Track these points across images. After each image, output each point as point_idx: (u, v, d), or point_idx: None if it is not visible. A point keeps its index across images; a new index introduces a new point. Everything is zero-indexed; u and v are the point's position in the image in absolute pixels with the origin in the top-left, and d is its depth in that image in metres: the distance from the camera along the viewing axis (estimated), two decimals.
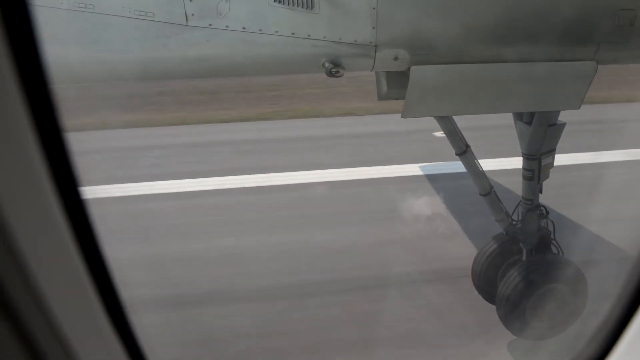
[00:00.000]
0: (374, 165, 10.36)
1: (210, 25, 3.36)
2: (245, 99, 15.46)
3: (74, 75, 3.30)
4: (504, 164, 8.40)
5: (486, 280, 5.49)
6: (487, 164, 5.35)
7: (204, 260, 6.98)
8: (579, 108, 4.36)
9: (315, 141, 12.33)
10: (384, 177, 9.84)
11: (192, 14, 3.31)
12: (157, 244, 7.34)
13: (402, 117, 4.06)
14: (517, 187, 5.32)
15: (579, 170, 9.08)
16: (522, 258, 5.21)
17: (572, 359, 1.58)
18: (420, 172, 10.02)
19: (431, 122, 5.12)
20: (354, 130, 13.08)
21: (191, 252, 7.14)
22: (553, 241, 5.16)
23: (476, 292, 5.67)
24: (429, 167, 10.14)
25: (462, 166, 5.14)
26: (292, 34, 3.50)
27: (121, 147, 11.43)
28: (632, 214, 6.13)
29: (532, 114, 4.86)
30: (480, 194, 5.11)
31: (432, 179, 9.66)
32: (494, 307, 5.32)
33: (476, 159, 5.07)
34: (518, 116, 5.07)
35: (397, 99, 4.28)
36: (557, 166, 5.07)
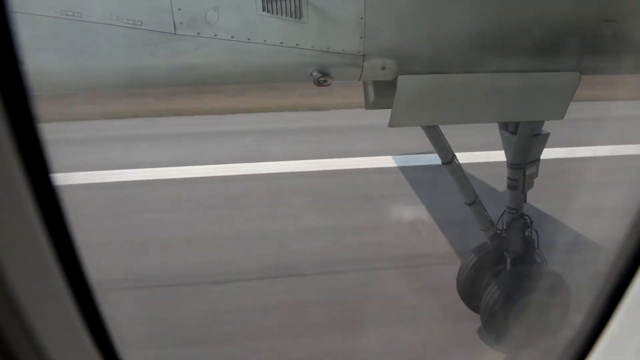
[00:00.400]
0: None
1: (198, 34, 3.36)
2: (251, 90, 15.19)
3: (60, 84, 3.28)
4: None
5: (471, 291, 5.53)
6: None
7: None
8: (562, 118, 4.43)
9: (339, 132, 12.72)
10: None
11: (181, 23, 3.31)
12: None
13: (389, 126, 4.09)
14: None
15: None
16: (505, 267, 5.26)
17: None
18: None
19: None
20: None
21: None
22: (537, 251, 5.21)
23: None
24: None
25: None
26: (281, 43, 3.52)
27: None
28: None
29: (517, 124, 4.93)
30: (465, 203, 5.15)
31: None
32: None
33: (461, 168, 5.12)
34: (503, 126, 5.14)
35: (385, 108, 4.31)
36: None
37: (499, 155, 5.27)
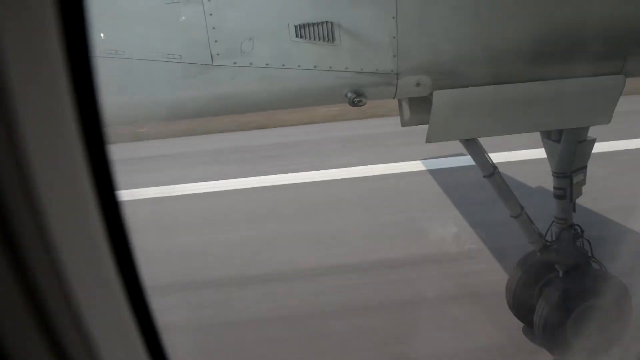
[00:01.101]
0: None
1: (234, 63, 3.46)
2: None
3: (108, 119, 3.43)
4: None
5: (523, 305, 5.34)
6: None
7: None
8: (609, 123, 4.28)
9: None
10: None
11: (217, 54, 3.42)
12: None
13: (426, 141, 4.06)
14: None
15: None
16: (558, 276, 5.05)
17: None
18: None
19: None
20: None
21: None
22: (592, 259, 5.00)
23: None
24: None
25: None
26: (315, 67, 3.58)
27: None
28: None
29: (560, 132, 4.79)
30: (510, 216, 5.01)
31: None
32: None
33: (504, 180, 5.00)
34: (546, 134, 5.00)
35: (421, 124, 4.28)
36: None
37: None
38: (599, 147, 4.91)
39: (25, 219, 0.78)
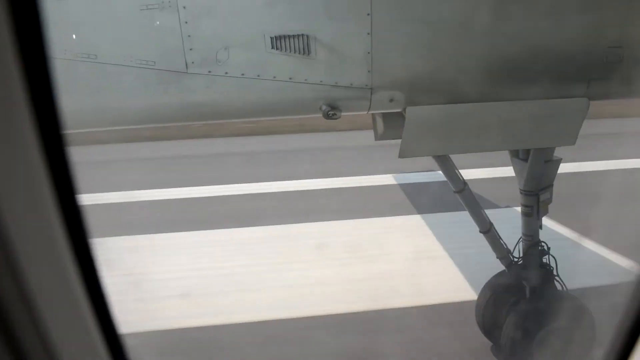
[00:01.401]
0: None
1: (209, 72, 3.45)
2: None
3: (76, 123, 3.36)
4: None
5: (491, 323, 5.40)
6: None
7: None
8: (574, 144, 4.42)
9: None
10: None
11: (192, 62, 3.41)
12: None
13: (399, 157, 4.10)
14: None
15: None
16: (524, 296, 5.14)
17: None
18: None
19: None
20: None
21: None
22: (556, 277, 5.11)
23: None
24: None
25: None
26: (290, 78, 3.59)
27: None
28: None
29: (527, 151, 4.92)
30: (480, 232, 5.10)
31: None
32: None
33: (474, 197, 5.09)
34: (514, 153, 5.13)
35: (394, 138, 4.34)
36: None
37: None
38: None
39: None
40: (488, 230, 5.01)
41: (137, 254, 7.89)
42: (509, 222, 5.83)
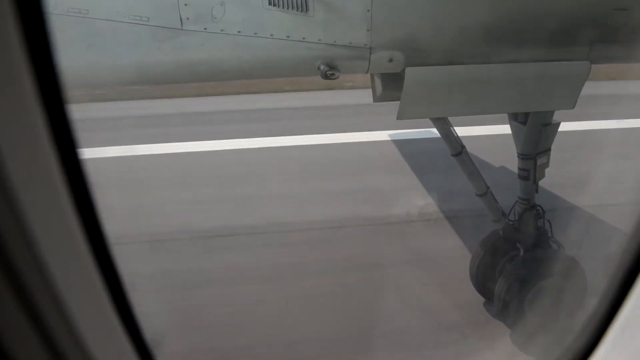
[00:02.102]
0: None
1: (205, 29, 3.36)
2: None
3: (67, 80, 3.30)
4: None
5: (485, 279, 5.50)
6: None
7: None
8: (573, 108, 4.38)
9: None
10: None
11: (187, 18, 3.31)
12: None
13: (397, 118, 4.07)
14: None
15: None
16: (519, 255, 5.21)
17: (560, 355, 1.59)
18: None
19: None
20: None
21: None
22: (551, 239, 5.17)
23: None
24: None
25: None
26: (287, 37, 3.51)
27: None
28: None
29: (526, 114, 4.88)
30: (476, 194, 5.12)
31: None
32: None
33: (471, 160, 5.09)
34: (513, 116, 5.10)
35: (393, 100, 4.29)
36: None
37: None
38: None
39: None
40: (484, 193, 5.03)
41: None
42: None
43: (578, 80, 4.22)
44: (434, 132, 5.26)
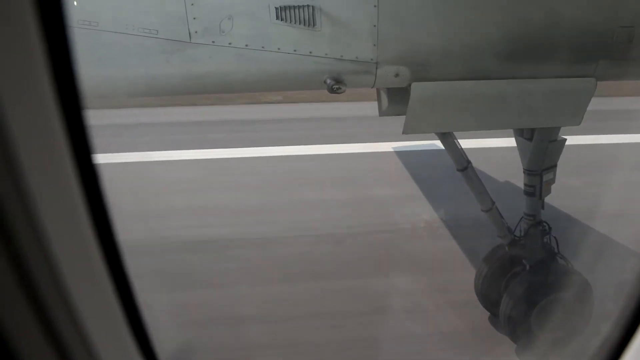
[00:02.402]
0: None
1: (213, 42, 3.40)
2: None
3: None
4: None
5: (490, 295, 5.45)
6: None
7: None
8: (579, 124, 4.38)
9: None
10: None
11: (196, 32, 3.35)
12: None
13: (403, 133, 4.08)
14: None
15: None
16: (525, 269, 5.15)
17: None
18: None
19: None
20: None
21: None
22: (558, 255, 5.12)
23: None
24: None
25: None
26: (294, 51, 3.54)
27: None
28: None
29: (532, 130, 4.88)
30: (481, 210, 5.09)
31: None
32: None
33: (477, 175, 5.07)
34: (519, 132, 5.09)
35: (398, 114, 4.30)
36: None
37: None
38: None
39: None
40: (490, 209, 5.01)
41: None
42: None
43: (584, 97, 4.22)
44: (438, 144, 5.26)
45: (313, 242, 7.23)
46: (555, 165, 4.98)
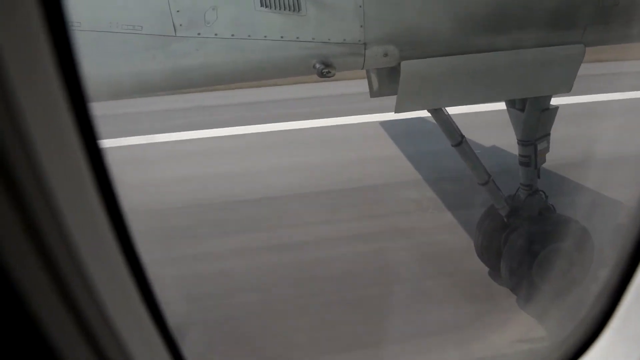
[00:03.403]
0: None
1: (199, 34, 3.36)
2: None
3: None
4: None
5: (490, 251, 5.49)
6: None
7: None
8: (569, 91, 4.39)
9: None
10: None
11: (180, 25, 3.31)
12: None
13: (395, 112, 4.07)
14: None
15: None
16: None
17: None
18: None
19: None
20: None
21: None
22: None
23: None
24: None
25: None
26: (281, 37, 3.51)
27: None
28: None
29: (524, 101, 4.89)
30: (478, 184, 5.12)
31: None
32: None
33: (472, 149, 5.09)
34: (510, 103, 5.10)
35: (390, 95, 4.29)
36: None
37: None
38: None
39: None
40: (487, 182, 5.03)
41: None
42: None
43: (573, 63, 4.22)
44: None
45: None
46: (549, 134, 5.00)
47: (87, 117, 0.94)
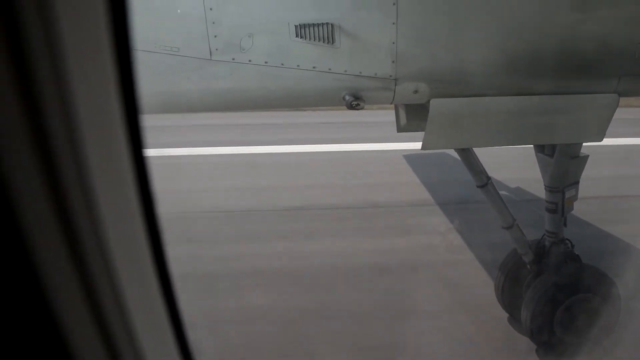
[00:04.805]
0: None
1: (233, 59, 3.44)
2: None
3: None
4: None
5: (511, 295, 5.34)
6: None
7: None
8: (601, 140, 4.31)
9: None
10: None
11: (216, 49, 3.40)
12: None
13: (422, 149, 4.05)
14: None
15: None
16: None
17: None
18: None
19: None
20: None
21: None
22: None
23: None
24: None
25: None
26: (314, 67, 3.56)
27: None
28: None
29: (553, 147, 4.81)
30: (502, 227, 5.02)
31: None
32: None
33: (497, 191, 5.01)
34: (539, 148, 5.03)
35: (417, 130, 4.28)
36: None
37: None
38: None
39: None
40: (511, 225, 4.93)
41: None
42: None
43: (606, 112, 4.16)
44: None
45: None
46: (578, 182, 4.89)
47: (137, 127, 0.97)
